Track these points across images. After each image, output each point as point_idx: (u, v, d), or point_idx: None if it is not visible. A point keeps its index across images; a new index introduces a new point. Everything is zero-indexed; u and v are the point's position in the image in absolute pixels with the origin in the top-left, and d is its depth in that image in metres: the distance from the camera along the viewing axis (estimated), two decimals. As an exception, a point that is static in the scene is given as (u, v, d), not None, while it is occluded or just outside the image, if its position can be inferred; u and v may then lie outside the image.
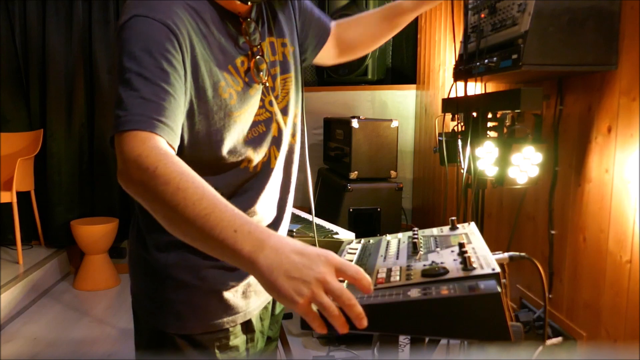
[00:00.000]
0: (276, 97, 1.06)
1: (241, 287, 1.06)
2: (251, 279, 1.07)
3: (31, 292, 3.29)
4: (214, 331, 1.03)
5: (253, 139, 1.02)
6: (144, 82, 0.81)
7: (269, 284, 0.69)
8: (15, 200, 3.33)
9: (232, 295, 1.04)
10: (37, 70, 3.74)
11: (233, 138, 0.98)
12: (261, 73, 1.01)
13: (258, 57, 1.01)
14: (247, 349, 1.09)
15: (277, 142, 1.06)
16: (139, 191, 0.78)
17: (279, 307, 1.22)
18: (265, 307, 1.16)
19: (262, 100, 1.03)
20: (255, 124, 1.02)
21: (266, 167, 1.05)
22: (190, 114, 0.91)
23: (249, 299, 1.08)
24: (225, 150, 0.97)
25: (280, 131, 1.07)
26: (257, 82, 1.01)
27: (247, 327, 1.09)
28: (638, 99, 1.40)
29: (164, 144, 0.80)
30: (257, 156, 1.02)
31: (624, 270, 1.45)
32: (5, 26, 3.69)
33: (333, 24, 1.29)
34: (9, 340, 2.80)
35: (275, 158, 1.07)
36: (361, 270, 0.73)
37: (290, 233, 1.55)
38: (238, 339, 1.06)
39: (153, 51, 0.83)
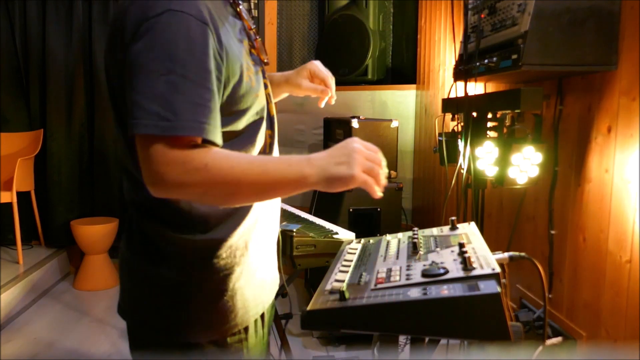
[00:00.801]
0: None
1: (251, 285, 1.06)
2: (260, 276, 1.08)
3: (31, 292, 3.29)
4: (237, 332, 1.03)
5: (264, 120, 1.04)
6: (191, 86, 0.82)
7: (329, 180, 0.86)
8: (15, 200, 3.33)
9: (242, 296, 1.03)
10: (37, 70, 3.74)
11: (258, 123, 1.01)
12: (262, 54, 1.05)
13: (259, 38, 1.05)
14: (262, 343, 1.12)
15: (274, 122, 1.10)
16: (191, 191, 0.83)
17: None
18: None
19: (264, 82, 1.06)
20: (264, 105, 1.04)
21: (272, 147, 1.09)
22: (227, 104, 0.92)
23: (259, 296, 1.09)
24: (257, 135, 1.01)
25: (274, 112, 1.10)
26: (264, 63, 1.05)
27: (262, 321, 1.11)
28: (638, 99, 1.40)
29: (208, 144, 0.85)
30: (268, 138, 1.06)
31: (624, 270, 1.45)
32: (5, 26, 3.69)
33: None
34: (9, 340, 2.80)
35: (273, 139, 1.09)
36: (374, 147, 0.91)
37: (290, 233, 1.55)
38: (258, 333, 1.09)
39: (196, 51, 0.83)
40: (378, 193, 0.88)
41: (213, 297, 1.00)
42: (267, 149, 1.06)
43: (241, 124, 0.97)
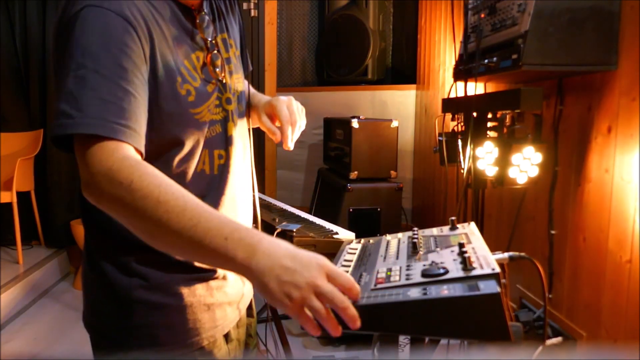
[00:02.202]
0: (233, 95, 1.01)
1: (216, 299, 0.98)
2: (226, 290, 1.00)
3: (31, 292, 3.29)
4: (195, 349, 0.95)
5: (210, 140, 0.95)
6: (102, 81, 0.75)
7: (261, 287, 0.70)
8: (15, 200, 3.32)
9: (207, 309, 0.97)
10: (37, 70, 3.74)
11: (191, 140, 0.91)
12: (217, 69, 0.96)
13: (214, 52, 0.96)
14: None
15: (231, 142, 1.00)
16: (114, 207, 0.75)
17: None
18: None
19: (218, 98, 0.97)
20: (212, 122, 0.95)
21: (224, 169, 0.99)
22: (150, 114, 0.84)
23: (224, 311, 1.00)
24: (183, 152, 0.91)
25: (234, 131, 1.01)
26: (214, 78, 0.95)
27: (227, 338, 1.03)
28: (638, 99, 1.40)
29: (132, 152, 0.77)
30: (214, 158, 0.97)
31: (624, 270, 1.45)
32: (5, 26, 3.68)
33: None
34: (9, 340, 2.80)
35: (231, 159, 1.00)
36: (351, 279, 0.73)
37: (290, 233, 1.55)
38: (221, 352, 1.00)
39: (111, 46, 0.77)
40: (316, 333, 0.71)
41: (180, 310, 0.93)
42: (215, 171, 0.97)
43: (172, 140, 0.89)
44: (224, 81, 0.98)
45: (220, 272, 0.98)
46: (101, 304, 0.97)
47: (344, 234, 1.63)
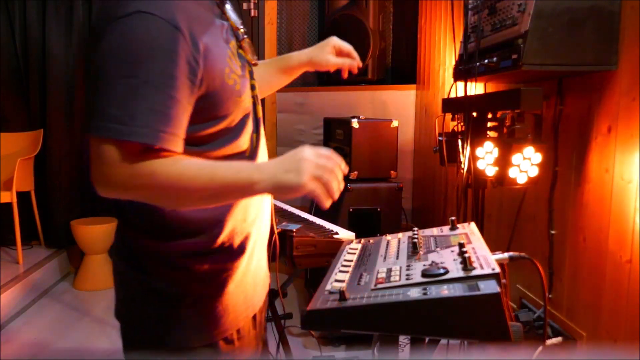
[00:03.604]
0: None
1: (246, 286, 1.06)
2: (254, 277, 1.09)
3: (31, 292, 3.29)
4: (228, 334, 1.02)
5: (249, 123, 1.02)
6: (152, 91, 0.80)
7: (277, 188, 0.86)
8: (15, 200, 3.32)
9: (239, 296, 1.04)
10: (37, 70, 3.74)
11: (239, 125, 0.98)
12: (249, 55, 1.02)
13: (245, 39, 1.02)
14: (257, 343, 1.13)
15: (259, 124, 1.07)
16: (139, 194, 0.85)
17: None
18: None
19: (251, 84, 1.03)
20: (248, 107, 1.02)
21: (254, 152, 1.05)
22: (204, 108, 0.90)
23: (254, 296, 1.10)
24: (240, 138, 0.99)
25: (260, 114, 1.08)
26: (252, 64, 1.03)
27: (254, 321, 1.12)
28: (638, 99, 1.40)
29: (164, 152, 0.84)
30: (250, 142, 1.03)
31: (624, 270, 1.45)
32: (5, 26, 3.68)
33: None
34: (9, 340, 2.80)
35: (260, 140, 1.07)
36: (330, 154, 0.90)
37: (290, 233, 1.55)
38: (250, 335, 1.09)
39: (161, 56, 0.80)
40: (326, 204, 0.87)
41: (202, 301, 0.99)
42: (252, 152, 1.03)
43: (222, 127, 0.95)
44: (251, 68, 1.04)
45: (249, 260, 1.06)
46: (139, 297, 1.02)
47: (344, 234, 1.63)
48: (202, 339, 1.00)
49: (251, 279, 1.08)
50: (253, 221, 1.05)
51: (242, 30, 1.02)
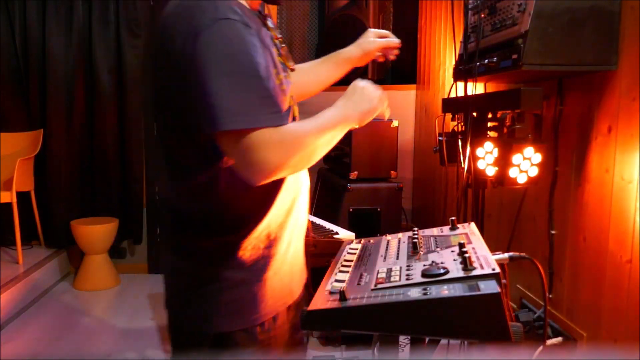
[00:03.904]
0: None
1: (290, 274, 1.14)
2: (297, 266, 1.17)
3: (31, 292, 3.29)
4: (266, 321, 1.08)
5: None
6: (256, 82, 0.91)
7: (361, 116, 1.08)
8: (15, 200, 3.32)
9: (278, 283, 1.11)
10: (37, 70, 3.74)
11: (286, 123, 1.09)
12: (288, 61, 1.13)
13: (284, 45, 1.13)
14: (293, 334, 1.19)
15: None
16: (292, 164, 0.96)
17: None
18: None
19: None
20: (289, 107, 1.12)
21: None
22: None
23: (296, 283, 1.18)
24: None
25: (297, 113, 1.17)
26: (291, 69, 1.14)
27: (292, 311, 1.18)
28: (638, 99, 1.40)
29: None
30: None
31: (624, 270, 1.45)
32: (5, 26, 3.68)
33: None
34: (9, 340, 2.80)
35: None
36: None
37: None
38: (287, 323, 1.15)
39: (250, 51, 0.91)
40: (388, 112, 1.14)
41: (242, 287, 1.06)
42: None
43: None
44: (289, 73, 1.14)
45: (286, 249, 1.13)
46: (184, 286, 1.09)
47: (344, 234, 1.63)
48: (239, 324, 1.06)
49: (288, 268, 1.14)
50: (290, 212, 1.11)
51: (280, 38, 1.13)
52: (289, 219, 1.11)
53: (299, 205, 1.15)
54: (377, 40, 1.39)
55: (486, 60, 1.60)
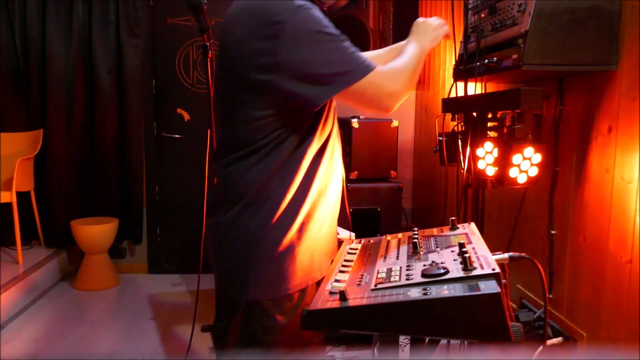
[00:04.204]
0: None
1: (313, 250, 1.25)
2: (321, 243, 1.28)
3: (31, 292, 3.29)
4: (295, 292, 1.21)
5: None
6: (348, 44, 1.15)
7: (432, 43, 1.37)
8: (15, 200, 3.32)
9: (310, 257, 1.24)
10: (37, 70, 3.73)
11: (331, 111, 1.36)
12: None
13: None
14: None
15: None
16: (408, 85, 1.23)
17: None
18: None
19: None
20: None
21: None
22: None
23: (319, 261, 1.28)
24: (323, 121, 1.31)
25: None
26: None
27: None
28: (638, 99, 1.40)
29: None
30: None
31: (624, 270, 1.45)
32: (5, 26, 3.68)
33: None
34: (9, 340, 2.80)
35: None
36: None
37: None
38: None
39: (330, 26, 1.14)
40: (447, 29, 1.42)
41: (276, 260, 1.18)
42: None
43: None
44: None
45: (319, 227, 1.27)
46: (250, 253, 1.20)
47: (344, 234, 1.63)
48: (270, 292, 1.18)
49: (320, 246, 1.26)
50: (323, 195, 1.25)
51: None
52: (321, 201, 1.24)
53: (331, 190, 1.29)
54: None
55: (486, 60, 1.60)
